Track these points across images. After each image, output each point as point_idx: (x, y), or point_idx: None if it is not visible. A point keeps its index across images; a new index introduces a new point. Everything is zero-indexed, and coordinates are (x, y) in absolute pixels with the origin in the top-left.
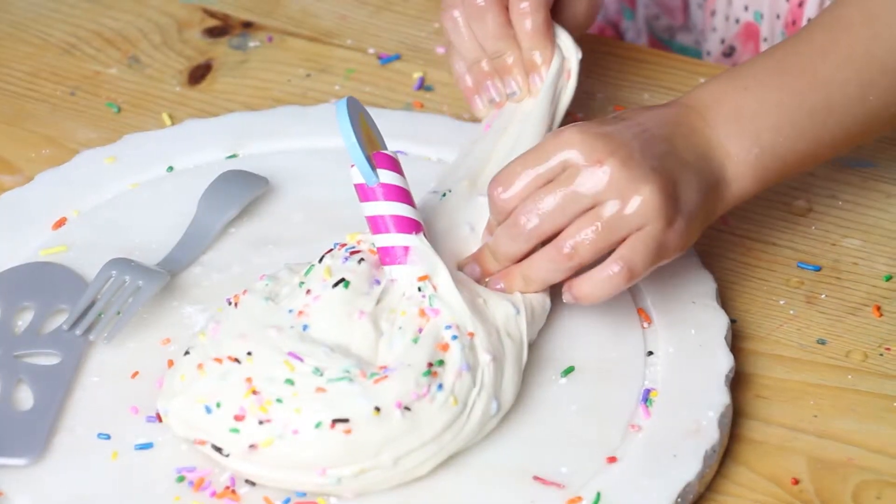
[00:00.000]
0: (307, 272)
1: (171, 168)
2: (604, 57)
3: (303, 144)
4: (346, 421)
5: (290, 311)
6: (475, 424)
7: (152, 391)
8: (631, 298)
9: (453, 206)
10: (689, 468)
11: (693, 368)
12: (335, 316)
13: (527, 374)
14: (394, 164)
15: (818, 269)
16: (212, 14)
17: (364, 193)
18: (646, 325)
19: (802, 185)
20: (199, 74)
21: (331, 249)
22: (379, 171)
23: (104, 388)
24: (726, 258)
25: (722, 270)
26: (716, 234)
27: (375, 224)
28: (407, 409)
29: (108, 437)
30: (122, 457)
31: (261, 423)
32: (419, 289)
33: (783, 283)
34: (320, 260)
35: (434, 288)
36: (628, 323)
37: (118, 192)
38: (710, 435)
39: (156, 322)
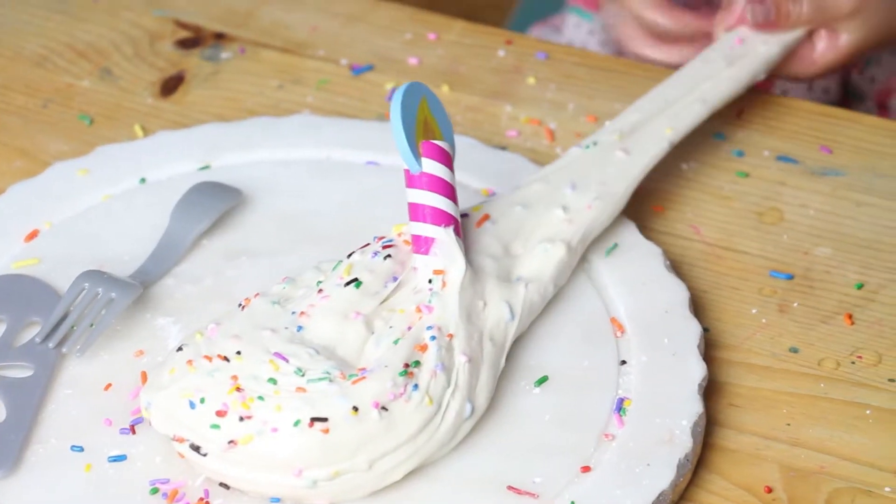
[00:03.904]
0: (334, 268)
1: (143, 180)
2: (575, 68)
3: (275, 156)
4: (324, 420)
5: (293, 312)
6: (449, 426)
7: (125, 403)
8: (604, 307)
9: (584, 163)
10: (662, 477)
11: (666, 377)
12: (332, 317)
13: (500, 384)
14: (441, 155)
15: (790, 277)
16: (184, 26)
17: (409, 179)
18: (619, 333)
19: (773, 195)
20: (171, 86)
21: (368, 244)
22: (423, 160)
23: (77, 400)
24: (698, 267)
25: (694, 279)
26: (688, 244)
27: (414, 211)
28: (384, 409)
29: (81, 449)
30: (96, 469)
31: (241, 419)
32: (430, 281)
33: (755, 292)
34: (350, 255)
35: (443, 284)
36: (601, 332)
37: (91, 205)
38: (684, 444)
39: (129, 334)
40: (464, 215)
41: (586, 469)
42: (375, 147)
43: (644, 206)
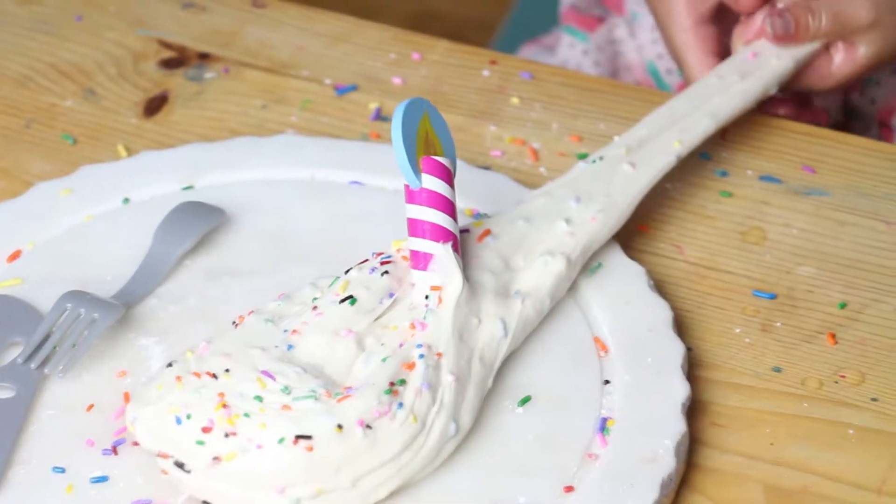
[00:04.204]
0: (331, 284)
1: (126, 200)
2: (559, 88)
3: (259, 175)
4: (308, 438)
5: (285, 331)
6: (434, 444)
7: (108, 424)
8: (588, 327)
9: (589, 177)
10: (645, 497)
11: (650, 397)
12: (323, 335)
13: (484, 404)
14: (441, 172)
15: (773, 297)
16: (168, 45)
17: (409, 195)
18: (602, 353)
19: (757, 214)
20: (155, 106)
21: (366, 259)
22: (423, 175)
23: (59, 421)
24: (682, 287)
25: (678, 299)
26: (671, 263)
27: (413, 227)
28: (368, 427)
29: (63, 470)
30: (78, 490)
31: (227, 435)
32: (426, 297)
33: (739, 312)
34: (347, 271)
35: (439, 300)
36: (585, 351)
37: (73, 225)
38: (667, 463)
39: (111, 354)
40: (464, 231)
41: (570, 489)
42: (359, 167)
43: (628, 225)
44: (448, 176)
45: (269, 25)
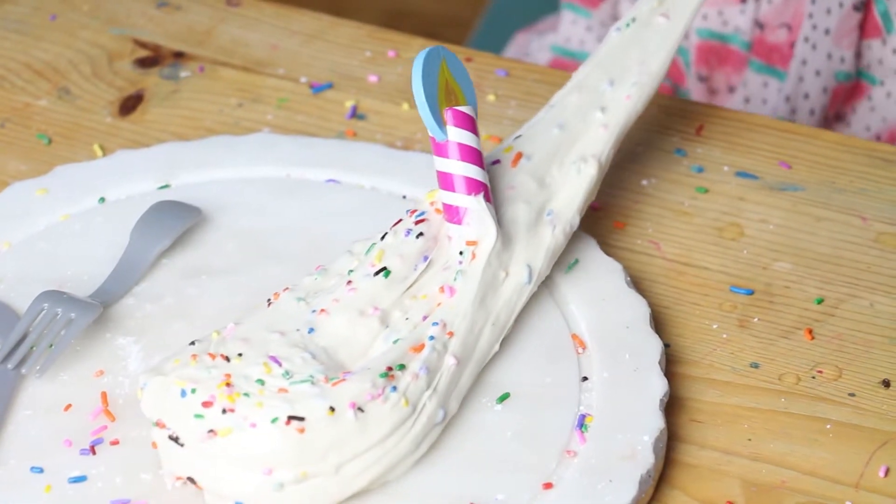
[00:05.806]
0: (367, 251)
1: (102, 199)
2: (535, 85)
3: (235, 174)
4: (301, 419)
5: (314, 311)
6: (420, 429)
7: (86, 423)
8: (565, 324)
9: (622, 49)
10: (624, 493)
11: (628, 393)
12: (348, 314)
13: (462, 402)
14: (466, 122)
15: (750, 293)
16: (143, 44)
17: (436, 147)
18: (580, 350)
19: (733, 210)
20: (130, 105)
21: (400, 220)
22: (448, 128)
23: (37, 421)
24: (659, 283)
25: (655, 295)
26: (648, 259)
27: (443, 180)
28: (360, 409)
29: (41, 470)
30: (56, 490)
31: (224, 411)
32: (461, 252)
33: (716, 308)
34: (383, 237)
35: (472, 256)
36: (563, 348)
37: (49, 224)
38: (646, 459)
39: (89, 354)
40: (496, 162)
41: (548, 486)
42: (336, 165)
43: (604, 221)
44: (473, 125)
45: (244, 24)
